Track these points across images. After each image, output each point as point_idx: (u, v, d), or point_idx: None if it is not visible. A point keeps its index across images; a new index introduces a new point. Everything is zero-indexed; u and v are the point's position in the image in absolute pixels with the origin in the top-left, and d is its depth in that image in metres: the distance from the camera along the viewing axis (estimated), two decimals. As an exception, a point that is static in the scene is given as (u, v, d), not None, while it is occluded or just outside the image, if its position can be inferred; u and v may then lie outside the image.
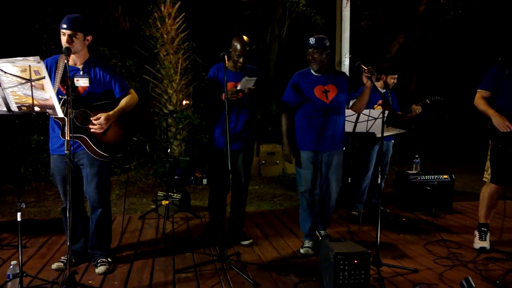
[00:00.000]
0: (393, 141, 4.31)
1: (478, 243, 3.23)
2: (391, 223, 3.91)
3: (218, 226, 3.31)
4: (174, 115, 6.38)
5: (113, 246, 3.15)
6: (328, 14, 7.54)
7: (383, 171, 4.27)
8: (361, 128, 3.59)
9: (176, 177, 5.03)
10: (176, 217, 4.14)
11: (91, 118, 2.58)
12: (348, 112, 3.35)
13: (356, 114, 3.44)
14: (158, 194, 4.29)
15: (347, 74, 5.41)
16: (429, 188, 4.36)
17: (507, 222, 3.53)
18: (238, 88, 2.99)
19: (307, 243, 3.21)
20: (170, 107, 6.85)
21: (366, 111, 3.40)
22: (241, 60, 3.11)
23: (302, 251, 3.18)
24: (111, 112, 2.62)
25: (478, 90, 3.22)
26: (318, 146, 3.11)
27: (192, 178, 6.23)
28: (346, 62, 5.50)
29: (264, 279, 2.65)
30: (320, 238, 3.13)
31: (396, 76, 4.09)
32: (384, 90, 4.11)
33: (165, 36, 6.91)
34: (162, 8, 6.93)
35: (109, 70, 2.74)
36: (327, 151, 3.14)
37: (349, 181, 4.08)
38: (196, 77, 7.38)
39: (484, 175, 3.27)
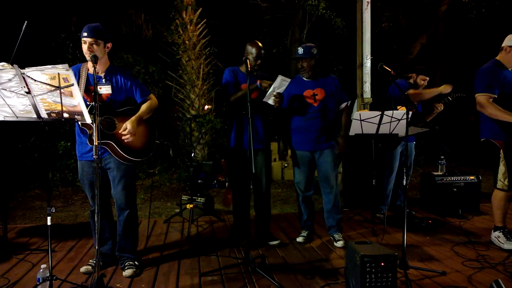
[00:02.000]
0: (414, 142, 4.23)
1: (507, 244, 3.15)
2: (417, 225, 3.83)
3: (242, 229, 3.36)
4: (197, 120, 6.45)
5: (139, 249, 3.20)
6: (348, 16, 7.49)
7: (407, 172, 4.19)
8: (384, 129, 3.54)
9: (199, 181, 5.08)
10: (201, 221, 4.16)
11: (119, 131, 2.63)
12: (371, 114, 3.35)
13: (379, 116, 3.42)
14: (182, 198, 4.34)
15: (369, 75, 5.40)
16: (455, 189, 4.25)
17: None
18: (273, 88, 3.12)
19: (303, 233, 3.52)
20: (193, 112, 6.94)
21: (389, 112, 3.38)
22: (258, 62, 3.22)
23: (298, 239, 3.47)
24: (133, 118, 2.67)
25: (484, 94, 3.12)
26: (310, 146, 3.31)
27: (215, 182, 6.27)
28: (367, 63, 5.42)
29: (289, 282, 2.63)
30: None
31: (428, 78, 4.09)
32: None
33: (187, 42, 7.02)
34: (184, 15, 7.05)
35: (130, 76, 2.79)
36: (318, 150, 3.32)
37: (373, 183, 4.01)
38: (217, 82, 7.45)
39: (499, 184, 3.19)
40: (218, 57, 7.56)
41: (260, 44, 3.25)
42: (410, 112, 3.34)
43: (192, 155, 4.23)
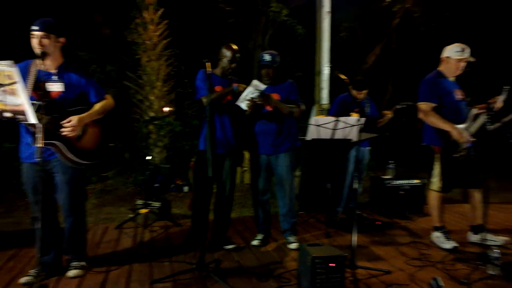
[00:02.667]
0: (369, 147, 4.41)
1: (446, 244, 3.37)
2: (367, 227, 4.00)
3: (200, 233, 3.31)
4: (156, 122, 6.32)
5: (90, 256, 3.06)
6: (309, 25, 7.67)
7: (360, 176, 4.38)
8: (338, 134, 3.67)
9: (156, 184, 4.97)
10: (155, 226, 4.06)
11: (62, 122, 2.50)
12: (327, 119, 3.45)
13: (335, 122, 3.53)
14: (137, 203, 4.21)
15: (327, 82, 5.57)
16: (402, 192, 4.48)
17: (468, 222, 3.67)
18: (247, 93, 3.13)
19: (259, 236, 3.55)
20: (152, 114, 6.79)
21: (343, 118, 3.49)
22: (233, 65, 3.27)
23: (253, 243, 3.48)
24: (84, 115, 2.57)
25: (425, 103, 3.34)
26: (266, 150, 3.38)
27: (173, 185, 6.16)
28: (325, 71, 5.59)
29: (243, 286, 2.65)
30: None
31: (363, 92, 4.17)
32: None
33: (147, 42, 6.88)
34: (145, 14, 6.90)
35: (85, 75, 2.70)
36: (274, 154, 3.38)
37: (328, 186, 4.13)
38: (178, 83, 7.35)
39: (432, 185, 3.45)
40: (180, 59, 7.46)
41: (235, 48, 3.27)
42: (363, 119, 3.54)
43: (149, 157, 4.14)
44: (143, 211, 3.85)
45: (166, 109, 7.02)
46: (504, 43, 9.63)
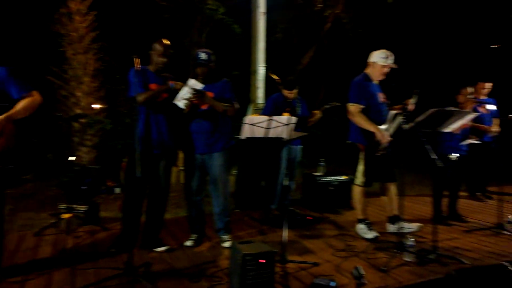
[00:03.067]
0: (301, 145, 4.57)
1: (369, 234, 3.62)
2: (299, 222, 4.15)
3: (130, 236, 3.19)
4: (83, 120, 5.92)
5: (3, 266, 2.76)
6: (245, 24, 7.74)
7: (292, 173, 4.54)
8: (271, 133, 3.76)
9: (84, 187, 4.67)
10: (81, 231, 3.81)
11: None
12: (260, 118, 3.51)
13: (268, 121, 3.61)
14: (59, 207, 3.91)
15: (262, 82, 5.66)
16: (332, 188, 4.72)
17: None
18: (185, 91, 3.06)
19: (192, 237, 3.50)
20: (78, 111, 6.36)
21: (276, 118, 3.58)
22: (165, 61, 3.18)
23: (187, 243, 3.43)
24: (2, 116, 2.35)
25: (353, 104, 3.55)
26: (200, 149, 3.35)
27: (103, 187, 5.83)
28: (261, 71, 5.68)
29: (174, 288, 2.60)
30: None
31: (292, 92, 4.28)
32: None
33: (73, 34, 6.42)
34: (70, 4, 6.43)
35: (5, 68, 2.46)
36: (208, 153, 3.36)
37: (262, 184, 4.22)
38: (109, 79, 6.96)
39: (357, 181, 3.69)
40: (111, 54, 7.07)
41: (167, 43, 3.18)
42: (294, 118, 3.66)
43: (73, 158, 3.88)
44: (66, 215, 3.59)
45: (95, 106, 6.63)
46: (419, 50, 10.64)
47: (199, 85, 3.13)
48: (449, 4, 8.92)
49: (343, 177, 4.83)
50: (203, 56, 3.29)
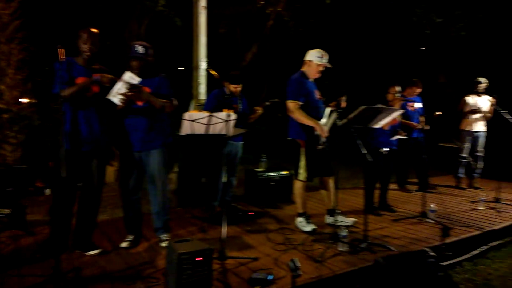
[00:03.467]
0: (242, 142, 4.58)
1: (307, 227, 3.74)
2: (240, 218, 4.17)
3: (59, 240, 2.98)
4: (5, 115, 5.41)
5: None
6: (187, 17, 7.56)
7: (233, 169, 4.54)
8: (212, 130, 3.72)
9: (9, 188, 4.28)
10: (2, 237, 3.48)
11: None
12: (201, 115, 3.46)
13: (208, 117, 3.57)
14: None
15: (204, 77, 5.57)
16: (273, 183, 4.80)
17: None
18: (120, 86, 2.88)
19: (129, 238, 3.36)
20: (1, 105, 5.79)
21: (216, 114, 3.55)
22: (91, 50, 2.98)
23: (122, 245, 3.29)
24: None
25: (292, 101, 3.62)
26: (137, 146, 3.22)
27: (32, 188, 5.39)
28: (203, 66, 5.58)
29: (107, 291, 2.48)
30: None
31: (236, 86, 4.28)
32: (229, 96, 4.36)
33: (-6, 21, 5.83)
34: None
35: None
36: (145, 150, 3.24)
37: (203, 181, 4.17)
38: (37, 71, 6.42)
39: (300, 177, 3.78)
40: (38, 44, 6.51)
41: (95, 31, 2.98)
42: (235, 115, 3.65)
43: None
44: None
45: (23, 100, 6.09)
46: (354, 49, 11.20)
47: (135, 79, 2.99)
48: (381, 7, 9.49)
49: (284, 173, 4.94)
50: (139, 49, 3.15)
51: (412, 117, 5.31)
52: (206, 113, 3.56)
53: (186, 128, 3.60)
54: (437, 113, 5.54)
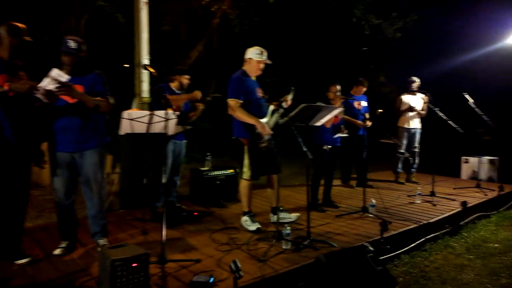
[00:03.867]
0: (185, 140, 4.45)
1: (252, 226, 3.70)
2: (185, 218, 4.06)
3: None
4: None
5: None
6: (129, 13, 7.22)
7: (177, 169, 4.40)
8: (153, 128, 3.56)
9: None
10: None
11: None
12: (141, 113, 3.33)
13: (149, 116, 3.42)
14: None
15: (147, 75, 5.33)
16: (218, 182, 4.72)
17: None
18: (47, 83, 2.65)
19: (63, 244, 3.14)
20: None
21: (158, 112, 3.41)
22: (13, 45, 2.76)
23: (55, 252, 3.07)
24: None
25: (233, 99, 3.57)
26: (69, 147, 3.02)
27: None
28: (145, 63, 5.33)
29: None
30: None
31: (189, 77, 4.27)
32: (180, 92, 4.24)
33: None
34: None
35: None
36: (79, 151, 3.04)
37: (144, 182, 3.99)
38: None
39: (244, 175, 3.74)
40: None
41: (15, 25, 2.75)
42: (177, 113, 3.54)
43: None
44: None
45: None
46: (297, 48, 11.46)
47: (64, 77, 2.77)
48: (323, 7, 9.77)
49: (230, 171, 4.88)
50: (72, 44, 2.92)
51: (358, 115, 5.51)
52: (145, 112, 3.43)
53: (125, 127, 3.44)
54: (379, 110, 5.80)
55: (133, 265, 2.19)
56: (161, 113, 3.47)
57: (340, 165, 5.95)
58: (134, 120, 3.43)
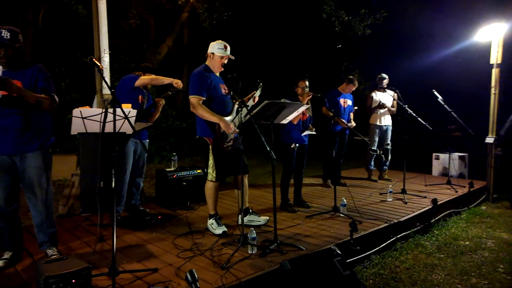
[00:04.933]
0: (147, 140, 4.21)
1: (218, 230, 3.49)
2: (147, 223, 3.81)
3: None
4: None
5: None
6: (90, 5, 6.86)
7: (140, 170, 4.14)
8: (110, 127, 3.29)
9: None
10: None
11: None
12: (94, 111, 3.11)
13: (104, 113, 3.16)
14: None
15: (108, 70, 5.03)
16: (185, 183, 4.49)
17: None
18: None
19: (6, 255, 2.86)
20: None
21: (112, 110, 3.14)
22: None
23: None
24: None
25: (195, 96, 3.36)
26: (8, 149, 2.72)
27: None
28: (106, 58, 5.01)
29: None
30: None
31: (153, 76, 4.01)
32: (144, 91, 4.05)
33: None
34: None
35: None
36: (19, 154, 2.75)
37: (101, 185, 3.70)
38: None
39: (209, 176, 3.55)
40: None
41: None
42: (135, 110, 3.30)
43: None
44: None
45: None
46: (270, 44, 11.30)
47: None
48: (294, 3, 9.65)
49: (197, 171, 4.65)
50: (4, 34, 2.62)
51: (344, 114, 5.39)
52: (98, 110, 3.18)
53: (77, 127, 3.20)
54: (355, 108, 5.70)
55: (73, 281, 1.93)
56: (118, 111, 3.22)
57: (322, 164, 5.84)
58: (87, 118, 3.20)
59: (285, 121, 3.57)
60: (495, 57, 5.80)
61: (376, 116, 6.07)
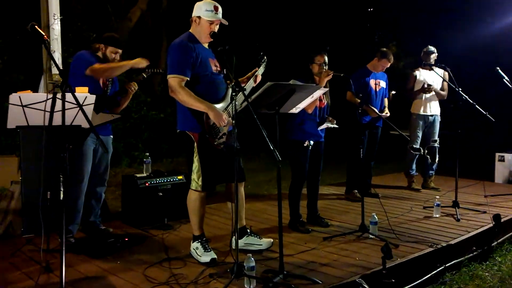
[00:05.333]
0: (111, 136, 4.29)
1: (204, 257, 3.49)
2: (111, 247, 3.84)
3: None
4: None
5: None
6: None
7: (102, 176, 4.17)
8: (58, 119, 3.31)
9: None
10: None
11: None
12: (39, 96, 3.20)
13: (51, 100, 3.20)
14: None
15: (59, 42, 5.04)
16: (161, 193, 4.52)
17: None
18: None
19: None
20: None
21: (66, 96, 3.18)
22: None
23: None
24: None
25: (175, 76, 3.36)
26: None
27: None
28: (56, 26, 5.01)
29: None
30: None
31: (120, 51, 4.08)
32: None
33: None
34: None
35: None
36: None
37: (48, 196, 3.72)
38: None
39: (193, 185, 3.55)
40: None
41: None
42: (94, 96, 3.33)
43: None
44: None
45: None
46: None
47: None
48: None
49: (178, 178, 4.67)
50: None
51: (375, 100, 5.37)
52: (44, 95, 3.20)
53: (16, 118, 3.26)
54: (391, 93, 5.66)
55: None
56: (68, 96, 3.22)
57: (346, 168, 5.80)
58: (28, 107, 3.21)
59: (295, 110, 3.54)
60: None
61: (419, 102, 6.06)
